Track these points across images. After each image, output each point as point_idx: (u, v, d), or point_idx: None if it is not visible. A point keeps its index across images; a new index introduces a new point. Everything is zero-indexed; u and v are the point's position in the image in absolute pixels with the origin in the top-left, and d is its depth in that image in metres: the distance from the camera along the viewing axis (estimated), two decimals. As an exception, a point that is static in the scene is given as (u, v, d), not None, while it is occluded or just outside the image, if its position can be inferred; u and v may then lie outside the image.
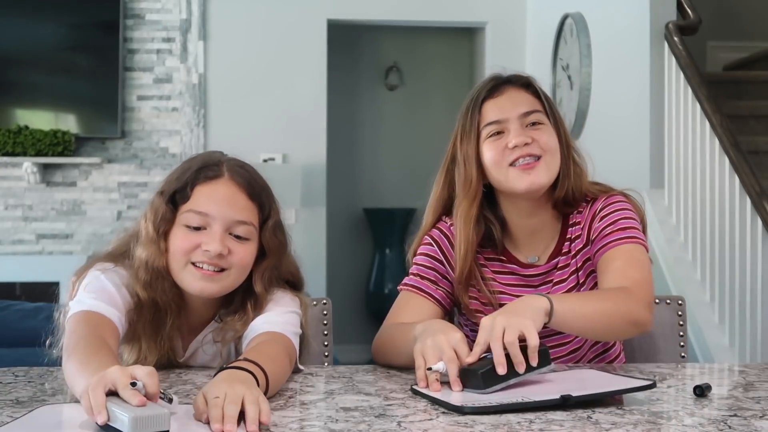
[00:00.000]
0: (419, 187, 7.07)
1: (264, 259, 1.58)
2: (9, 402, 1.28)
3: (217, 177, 1.55)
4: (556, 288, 1.73)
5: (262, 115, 5.36)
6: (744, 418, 1.19)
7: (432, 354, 1.37)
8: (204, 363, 1.62)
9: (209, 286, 1.52)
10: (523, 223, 1.74)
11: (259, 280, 1.57)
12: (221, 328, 1.58)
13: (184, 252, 1.52)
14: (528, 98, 1.72)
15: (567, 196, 1.72)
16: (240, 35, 5.42)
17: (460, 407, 1.20)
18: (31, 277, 5.10)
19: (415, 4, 5.57)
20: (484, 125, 1.70)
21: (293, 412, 1.22)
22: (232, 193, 1.54)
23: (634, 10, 4.00)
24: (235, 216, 1.53)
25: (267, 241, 1.57)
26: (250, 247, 1.55)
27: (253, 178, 1.58)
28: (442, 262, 1.76)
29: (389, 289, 6.11)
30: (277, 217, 1.60)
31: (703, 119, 3.56)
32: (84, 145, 5.26)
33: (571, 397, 1.21)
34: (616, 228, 1.67)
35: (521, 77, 1.75)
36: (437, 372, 1.34)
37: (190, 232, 1.52)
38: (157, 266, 1.52)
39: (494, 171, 1.68)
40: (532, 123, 1.69)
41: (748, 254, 3.28)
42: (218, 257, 1.50)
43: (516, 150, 1.65)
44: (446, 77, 6.38)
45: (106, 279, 1.52)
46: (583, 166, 1.75)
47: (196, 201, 1.53)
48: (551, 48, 4.92)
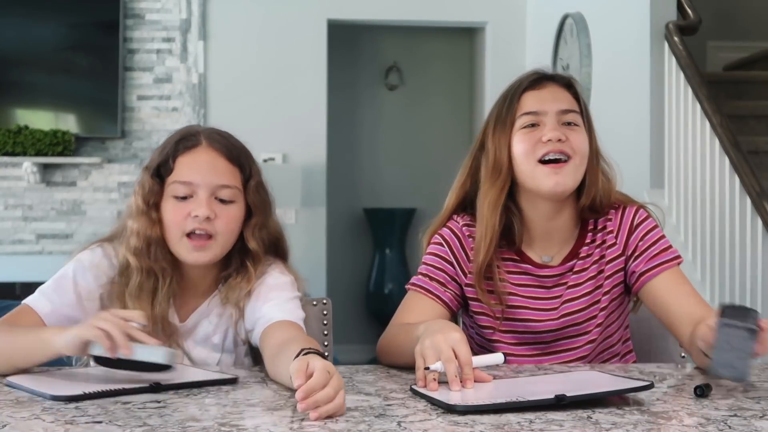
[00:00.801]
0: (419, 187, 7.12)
1: (252, 218, 1.67)
2: (9, 402, 1.28)
3: (195, 146, 1.64)
4: (569, 291, 1.72)
5: (262, 115, 5.36)
6: (744, 418, 1.19)
7: (430, 354, 1.36)
8: (205, 336, 1.67)
9: (201, 256, 1.61)
10: (541, 223, 1.72)
11: (251, 237, 1.66)
12: (227, 289, 1.66)
13: (176, 224, 1.61)
14: (568, 97, 1.72)
15: (594, 203, 1.72)
16: (240, 35, 5.42)
17: (454, 406, 1.20)
18: (31, 277, 5.07)
19: (415, 4, 5.57)
20: (520, 114, 1.69)
21: (293, 412, 1.22)
22: (211, 159, 1.63)
23: (634, 10, 4.00)
24: (218, 180, 1.61)
25: (252, 200, 1.66)
26: (235, 210, 1.63)
27: (231, 142, 1.67)
28: (452, 263, 1.74)
29: (389, 289, 6.11)
30: (258, 177, 1.68)
31: (703, 119, 3.56)
32: (84, 145, 5.26)
33: (566, 397, 1.21)
34: (662, 248, 1.71)
35: (564, 76, 1.76)
36: (435, 372, 1.34)
37: (178, 203, 1.61)
38: (149, 234, 1.61)
39: (522, 164, 1.67)
40: (567, 122, 1.68)
41: (748, 254, 3.28)
42: (206, 221, 1.59)
43: (548, 144, 1.65)
44: (446, 77, 6.38)
45: (71, 273, 1.63)
46: (610, 176, 1.75)
47: (179, 172, 1.62)
48: (551, 48, 4.92)
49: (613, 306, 1.75)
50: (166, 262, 1.63)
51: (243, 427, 1.13)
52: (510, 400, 1.22)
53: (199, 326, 1.68)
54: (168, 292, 1.63)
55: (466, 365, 1.34)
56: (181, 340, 1.66)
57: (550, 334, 1.72)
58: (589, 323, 1.72)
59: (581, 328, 1.72)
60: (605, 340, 1.76)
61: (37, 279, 1.79)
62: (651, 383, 1.29)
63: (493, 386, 1.38)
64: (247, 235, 1.66)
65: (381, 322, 6.22)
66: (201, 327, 1.68)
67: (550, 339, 1.72)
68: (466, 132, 6.28)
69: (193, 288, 1.69)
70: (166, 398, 1.31)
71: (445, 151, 6.35)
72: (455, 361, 1.34)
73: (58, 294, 1.62)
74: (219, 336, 1.68)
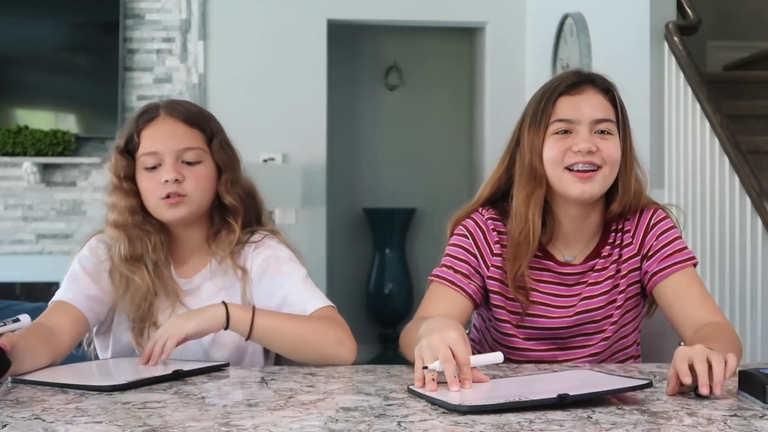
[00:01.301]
0: (419, 187, 7.14)
1: (222, 175, 1.76)
2: (9, 402, 1.28)
3: (154, 118, 1.75)
4: (589, 289, 1.72)
5: (262, 115, 5.35)
6: (744, 418, 1.19)
7: (428, 354, 1.35)
8: (208, 298, 1.74)
9: (177, 212, 1.71)
10: (569, 224, 1.72)
11: (225, 192, 1.76)
12: (216, 245, 1.77)
13: (151, 191, 1.72)
14: (604, 104, 1.70)
15: (624, 210, 1.72)
16: (240, 35, 5.42)
17: (457, 406, 1.20)
18: (31, 277, 5.09)
19: (415, 4, 5.57)
20: (554, 120, 1.67)
21: (293, 412, 1.22)
22: (171, 126, 1.73)
23: (634, 10, 4.00)
24: (179, 145, 1.72)
25: (219, 158, 1.76)
26: (202, 169, 1.73)
27: (188, 108, 1.78)
28: (475, 256, 1.73)
29: (389, 289, 6.11)
30: (221, 136, 1.78)
31: (703, 119, 3.56)
32: (84, 145, 5.26)
33: (568, 396, 1.21)
34: (676, 249, 1.70)
35: (605, 81, 1.73)
36: (433, 371, 1.33)
37: (149, 173, 1.72)
38: (126, 204, 1.73)
39: (551, 168, 1.67)
40: (600, 131, 1.67)
41: (748, 254, 3.28)
42: (176, 184, 1.69)
43: (578, 155, 1.64)
44: (446, 77, 6.38)
45: (77, 263, 1.75)
46: (643, 183, 1.75)
47: (144, 144, 1.73)
48: (551, 48, 4.91)
49: (629, 305, 1.75)
50: (149, 226, 1.74)
51: (243, 427, 1.13)
52: (512, 399, 1.22)
53: (202, 288, 1.77)
54: (158, 253, 1.74)
55: (465, 365, 1.33)
56: (185, 300, 1.76)
57: (566, 330, 1.72)
58: (605, 321, 1.73)
59: (597, 326, 1.73)
60: (620, 340, 1.76)
61: (37, 279, 1.86)
62: (650, 381, 1.29)
63: (494, 386, 1.38)
64: (222, 192, 1.76)
65: (381, 322, 6.24)
66: (203, 291, 1.77)
67: (566, 336, 1.73)
68: (466, 132, 6.28)
69: (186, 250, 1.79)
70: (166, 398, 1.31)
71: (445, 151, 6.35)
72: (453, 360, 1.33)
73: (75, 282, 1.72)
74: (220, 298, 1.73)
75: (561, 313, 1.72)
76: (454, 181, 6.21)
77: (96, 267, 1.74)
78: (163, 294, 1.75)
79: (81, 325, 1.68)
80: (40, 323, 1.62)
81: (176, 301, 1.75)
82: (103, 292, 1.73)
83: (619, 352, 1.77)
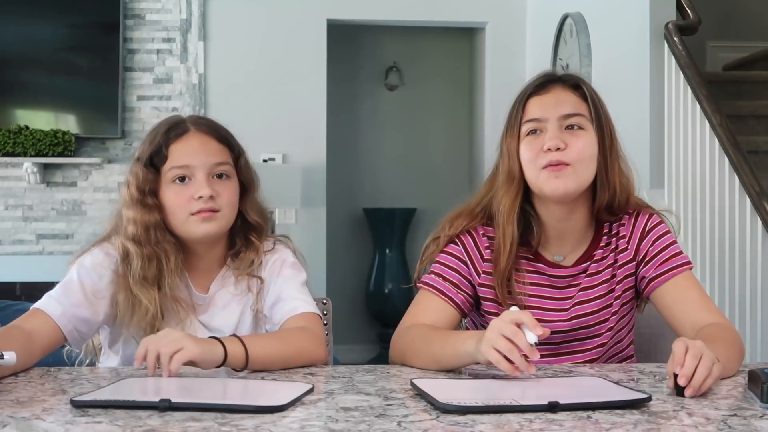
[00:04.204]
0: (419, 187, 7.13)
1: (246, 193, 1.77)
2: (9, 402, 1.28)
3: (185, 132, 1.72)
4: (581, 293, 1.72)
5: (262, 115, 5.36)
6: (744, 418, 1.19)
7: (504, 344, 1.36)
8: (224, 305, 1.74)
9: (210, 227, 1.69)
10: (554, 224, 1.72)
11: (250, 210, 1.77)
12: (238, 262, 1.76)
13: (180, 206, 1.69)
14: (573, 100, 1.69)
15: (612, 206, 1.71)
16: (240, 35, 5.42)
17: (444, 405, 1.19)
18: (31, 277, 5.09)
19: (415, 4, 5.57)
20: (525, 120, 1.68)
21: (293, 412, 1.22)
22: (202, 141, 1.72)
23: (634, 10, 4.00)
24: (212, 159, 1.71)
25: (244, 177, 1.77)
26: (232, 184, 1.73)
27: (216, 125, 1.78)
28: (465, 263, 1.73)
29: (389, 289, 6.11)
30: (245, 155, 1.79)
31: (703, 119, 3.56)
32: (84, 145, 5.26)
33: (558, 404, 1.20)
34: (672, 254, 1.71)
35: (573, 77, 1.73)
36: (531, 344, 1.35)
37: (179, 187, 1.69)
38: (147, 220, 1.68)
39: (528, 170, 1.67)
40: (570, 126, 1.66)
41: (748, 254, 3.28)
42: (210, 200, 1.67)
43: (548, 153, 1.63)
44: (446, 77, 6.38)
45: (76, 275, 1.68)
46: (630, 177, 1.74)
47: (174, 158, 1.70)
48: (551, 48, 4.91)
49: (624, 310, 1.75)
50: (168, 244, 1.70)
51: (243, 427, 1.13)
52: (504, 403, 1.22)
53: (217, 299, 1.76)
54: (174, 272, 1.70)
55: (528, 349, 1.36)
56: (200, 316, 1.74)
57: (560, 335, 1.71)
58: (601, 326, 1.72)
59: (592, 331, 1.72)
60: (616, 345, 1.76)
61: (37, 279, 1.83)
62: (649, 396, 1.26)
63: (489, 386, 1.37)
64: (247, 209, 1.76)
65: (381, 322, 6.24)
66: (218, 300, 1.76)
67: (560, 340, 1.71)
68: (466, 132, 6.28)
69: (202, 268, 1.76)
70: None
71: (445, 151, 6.35)
72: (520, 332, 1.36)
73: (67, 296, 1.66)
74: (236, 303, 1.75)
75: (555, 316, 1.71)
76: (454, 181, 6.21)
77: (94, 287, 1.68)
78: (172, 311, 1.70)
79: (58, 340, 1.64)
80: (18, 326, 1.58)
81: (190, 315, 1.72)
82: (93, 315, 1.68)
83: (615, 356, 1.77)
